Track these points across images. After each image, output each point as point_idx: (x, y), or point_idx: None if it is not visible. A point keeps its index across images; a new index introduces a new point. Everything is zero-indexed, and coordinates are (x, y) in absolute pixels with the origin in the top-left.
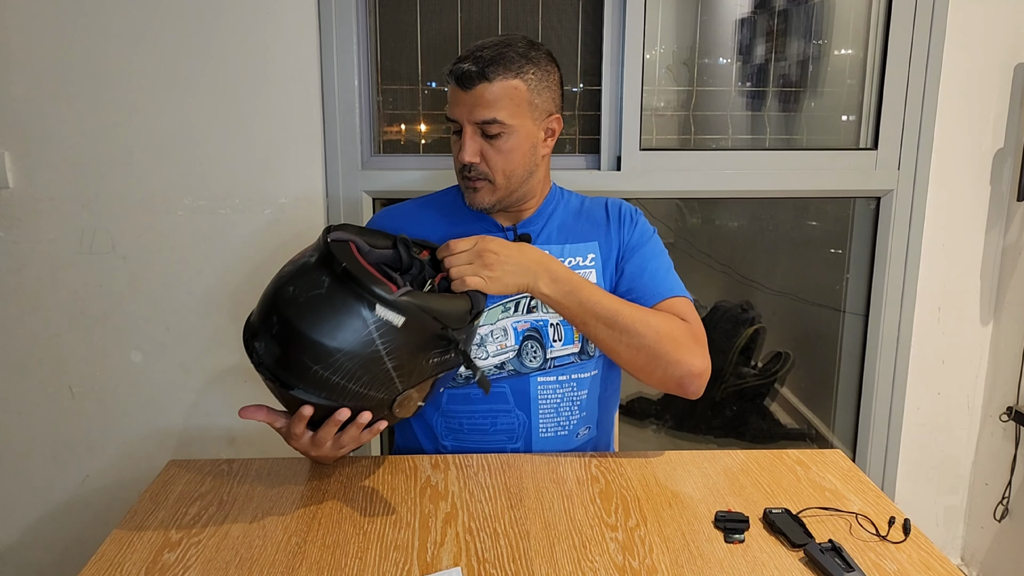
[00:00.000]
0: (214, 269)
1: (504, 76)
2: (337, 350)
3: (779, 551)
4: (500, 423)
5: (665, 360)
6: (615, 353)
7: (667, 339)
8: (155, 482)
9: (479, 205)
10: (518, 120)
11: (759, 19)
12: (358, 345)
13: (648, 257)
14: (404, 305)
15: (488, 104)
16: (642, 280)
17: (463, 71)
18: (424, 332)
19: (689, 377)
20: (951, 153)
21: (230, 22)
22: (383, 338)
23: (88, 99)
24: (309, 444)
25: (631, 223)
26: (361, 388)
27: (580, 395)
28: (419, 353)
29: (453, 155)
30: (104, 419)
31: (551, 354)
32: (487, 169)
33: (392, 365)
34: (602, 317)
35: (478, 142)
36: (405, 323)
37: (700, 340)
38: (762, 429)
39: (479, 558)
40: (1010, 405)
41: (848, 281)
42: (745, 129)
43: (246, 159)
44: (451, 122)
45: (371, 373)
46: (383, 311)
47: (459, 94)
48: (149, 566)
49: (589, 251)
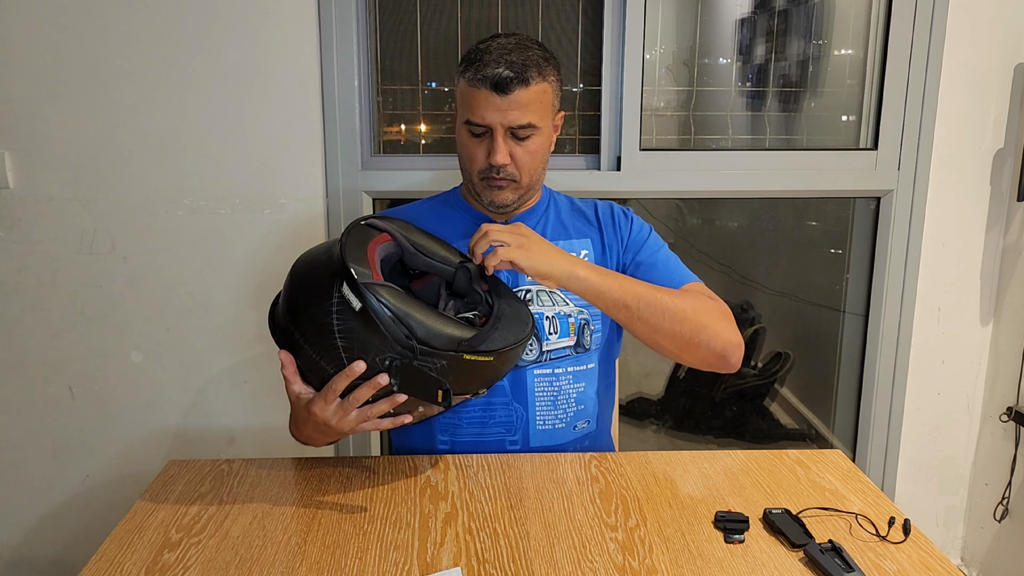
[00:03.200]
0: (214, 269)
1: (537, 80)
2: (304, 308)
3: (779, 551)
4: (498, 416)
5: (707, 334)
6: (658, 331)
7: (705, 314)
8: (155, 482)
9: (502, 203)
10: (545, 121)
11: (759, 19)
12: (319, 312)
13: (655, 250)
14: (365, 292)
15: (523, 107)
16: (658, 272)
17: (501, 76)
18: (380, 330)
19: (731, 348)
20: (951, 153)
21: (230, 22)
22: (339, 315)
23: (88, 99)
24: (337, 409)
25: (626, 220)
26: (315, 354)
27: (577, 387)
28: (372, 347)
29: (467, 156)
30: (104, 419)
31: (547, 347)
32: (515, 170)
33: (341, 344)
34: (644, 298)
35: (509, 144)
36: (362, 310)
37: (730, 316)
38: (762, 429)
39: (479, 558)
40: (1010, 405)
41: (848, 281)
42: (745, 129)
43: (246, 159)
44: (474, 125)
45: (323, 343)
46: (347, 290)
47: (492, 99)
48: (149, 566)
49: (582, 247)
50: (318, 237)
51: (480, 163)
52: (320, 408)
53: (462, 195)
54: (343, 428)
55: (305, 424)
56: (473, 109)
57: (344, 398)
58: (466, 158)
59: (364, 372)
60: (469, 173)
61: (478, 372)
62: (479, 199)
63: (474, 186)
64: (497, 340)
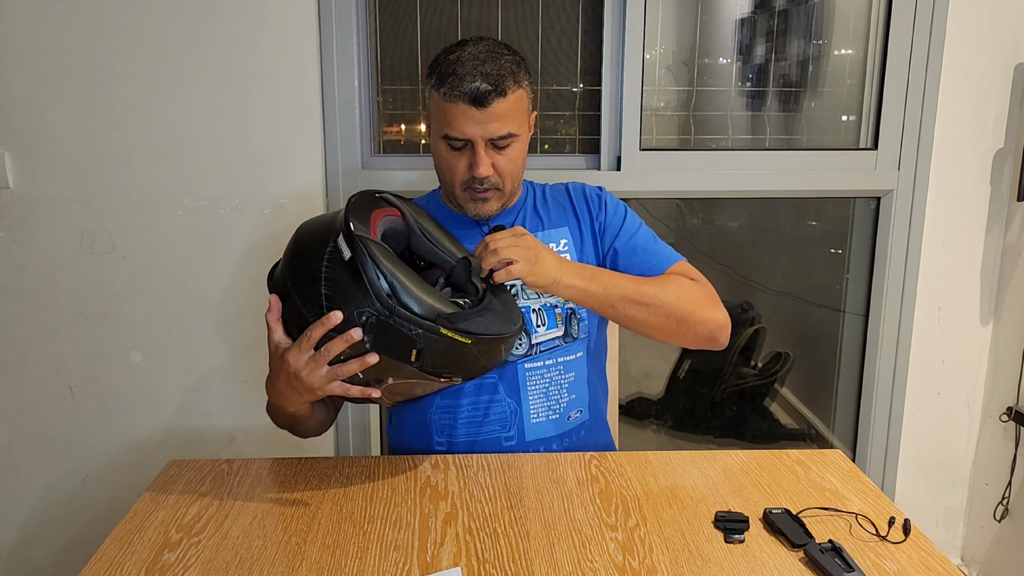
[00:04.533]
0: (214, 269)
1: (513, 89)
2: (300, 256)
3: (779, 551)
4: (492, 413)
5: (693, 320)
6: (645, 326)
7: (688, 301)
8: (155, 482)
9: (488, 214)
10: (523, 127)
11: (759, 19)
12: (311, 260)
13: (632, 233)
14: (357, 243)
15: (503, 118)
16: (638, 257)
17: (479, 90)
18: (363, 283)
19: (718, 329)
20: (951, 153)
21: (230, 22)
22: (329, 264)
23: (88, 99)
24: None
25: (599, 202)
26: (300, 302)
27: (568, 377)
28: (353, 299)
29: (448, 169)
30: (104, 419)
31: (535, 339)
32: (498, 179)
33: (325, 292)
34: (628, 296)
35: (491, 155)
36: (351, 260)
37: (714, 295)
38: (762, 429)
39: (479, 558)
40: (1010, 405)
41: (848, 281)
42: (745, 129)
43: (246, 159)
44: (452, 140)
45: (309, 291)
46: (341, 240)
47: (471, 112)
48: (149, 566)
49: (561, 236)
50: None
51: (462, 175)
52: (294, 357)
53: (441, 198)
54: (312, 382)
55: (278, 377)
56: (451, 124)
57: (318, 350)
58: (446, 171)
59: (341, 325)
60: (451, 186)
61: (454, 353)
62: (462, 210)
63: (456, 198)
64: (478, 325)
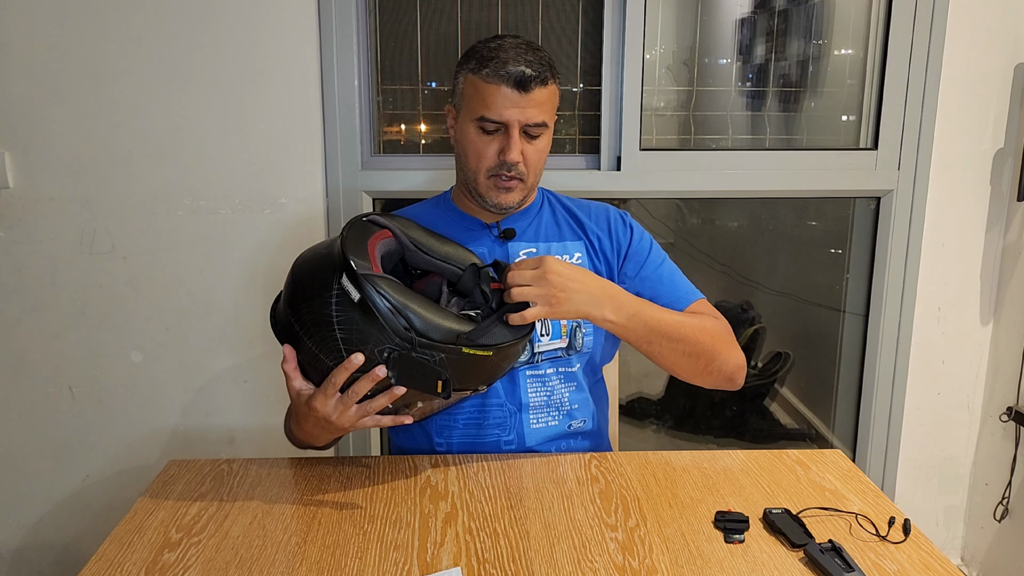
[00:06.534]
0: (214, 269)
1: (551, 80)
2: (305, 300)
3: (779, 551)
4: (493, 417)
5: (719, 360)
6: (672, 362)
7: (718, 339)
8: (155, 482)
9: (508, 204)
10: (552, 120)
11: (759, 19)
12: (319, 304)
13: (659, 264)
14: (364, 283)
15: (540, 106)
16: (664, 288)
17: (524, 74)
18: (378, 321)
19: (738, 370)
20: (951, 153)
21: (230, 22)
22: (339, 307)
23: (88, 99)
24: (337, 404)
25: (625, 228)
26: (315, 347)
27: (568, 388)
28: (370, 338)
29: (476, 153)
30: (104, 419)
31: (539, 348)
32: (525, 168)
33: (340, 336)
34: (666, 333)
35: (522, 142)
36: (361, 301)
37: (732, 335)
38: (762, 429)
39: (479, 558)
40: (1010, 405)
41: (848, 281)
42: (745, 129)
43: (246, 159)
44: (488, 122)
45: (323, 336)
46: (346, 281)
47: (512, 95)
48: (149, 566)
49: (575, 250)
50: (318, 237)
51: (490, 160)
52: (320, 403)
53: (452, 199)
54: (343, 423)
55: (306, 420)
56: (490, 106)
57: (344, 392)
58: (473, 156)
59: (363, 364)
60: (475, 172)
61: (477, 367)
62: (481, 200)
63: (478, 186)
64: (497, 335)
